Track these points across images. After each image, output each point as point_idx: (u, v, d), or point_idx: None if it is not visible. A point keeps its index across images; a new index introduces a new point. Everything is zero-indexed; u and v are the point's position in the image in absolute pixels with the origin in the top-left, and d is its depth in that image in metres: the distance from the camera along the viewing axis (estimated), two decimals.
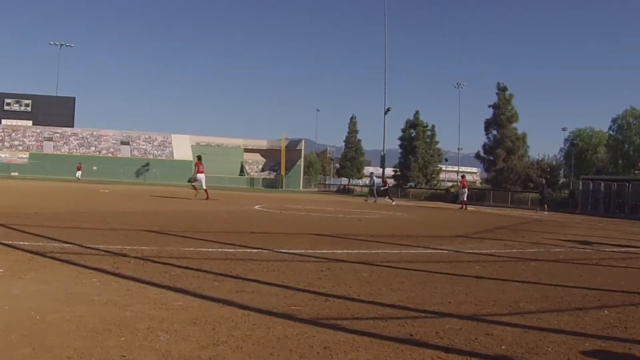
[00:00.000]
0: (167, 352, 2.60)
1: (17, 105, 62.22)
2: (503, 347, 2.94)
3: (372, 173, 30.83)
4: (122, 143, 63.55)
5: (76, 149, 60.94)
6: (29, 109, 62.20)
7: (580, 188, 30.23)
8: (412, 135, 54.07)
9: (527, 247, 8.39)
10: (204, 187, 18.73)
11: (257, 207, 16.73)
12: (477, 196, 37.75)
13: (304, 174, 64.67)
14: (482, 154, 46.79)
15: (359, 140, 72.95)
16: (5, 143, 59.13)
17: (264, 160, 67.08)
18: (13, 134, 60.25)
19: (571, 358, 2.81)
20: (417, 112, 54.97)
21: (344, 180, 68.67)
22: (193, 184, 19.38)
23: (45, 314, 3.11)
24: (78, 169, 45.02)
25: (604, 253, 8.20)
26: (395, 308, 3.78)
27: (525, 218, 18.95)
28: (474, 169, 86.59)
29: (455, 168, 74.75)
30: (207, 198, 18.22)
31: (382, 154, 51.91)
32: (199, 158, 19.63)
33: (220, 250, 6.38)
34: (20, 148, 59.11)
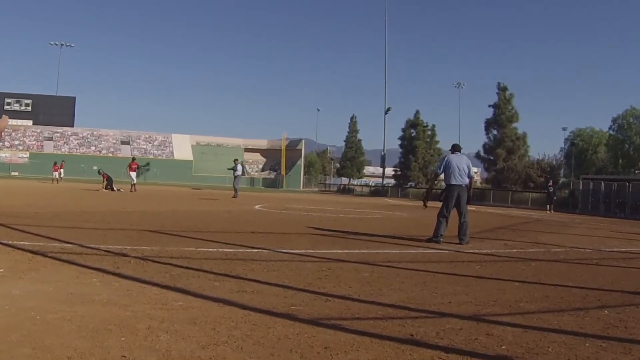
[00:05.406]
0: (167, 352, 2.60)
1: (17, 105, 62.25)
2: (503, 347, 2.94)
3: (236, 160, 24.28)
4: (123, 143, 63.60)
5: (76, 149, 60.99)
6: (29, 108, 62.26)
7: (581, 188, 30.24)
8: (413, 134, 54.08)
9: (527, 247, 8.38)
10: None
11: (257, 207, 16.74)
12: (478, 196, 37.76)
13: (304, 174, 64.68)
14: (482, 153, 46.81)
15: (360, 140, 72.97)
16: (6, 143, 59.16)
17: (265, 160, 67.11)
18: (13, 134, 60.28)
19: (571, 358, 2.81)
20: (417, 112, 55.04)
21: (344, 180, 68.66)
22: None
23: (46, 314, 3.11)
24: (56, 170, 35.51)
25: (604, 253, 8.20)
26: (396, 308, 3.78)
27: (525, 218, 18.95)
28: (475, 169, 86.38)
29: None
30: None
31: (382, 153, 51.97)
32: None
33: (220, 250, 6.38)
34: (21, 148, 59.16)
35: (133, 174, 24.21)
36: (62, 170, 36.84)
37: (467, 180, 8.35)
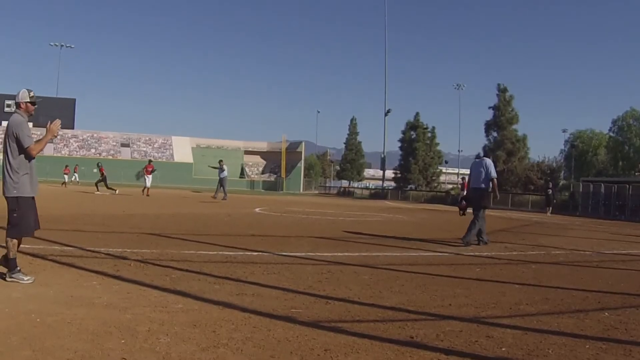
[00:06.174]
0: (167, 354, 2.60)
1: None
2: (503, 349, 2.94)
3: (221, 161, 22.57)
4: (123, 145, 63.60)
5: (76, 151, 61.01)
6: None
7: (581, 190, 30.22)
8: (412, 137, 54.08)
9: (528, 250, 8.38)
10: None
11: (257, 209, 16.73)
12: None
13: (304, 177, 64.67)
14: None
15: (359, 142, 72.86)
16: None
17: (264, 162, 67.10)
18: None
19: None
20: (417, 114, 55.01)
21: (345, 183, 68.67)
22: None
23: (46, 317, 3.11)
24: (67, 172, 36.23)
25: (604, 255, 8.19)
26: (396, 310, 3.78)
27: (525, 220, 18.95)
28: None
29: (456, 170, 74.70)
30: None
31: (382, 155, 51.95)
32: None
33: (220, 253, 6.38)
34: None
35: (149, 178, 23.77)
36: (76, 174, 37.59)
37: (482, 184, 8.69)
